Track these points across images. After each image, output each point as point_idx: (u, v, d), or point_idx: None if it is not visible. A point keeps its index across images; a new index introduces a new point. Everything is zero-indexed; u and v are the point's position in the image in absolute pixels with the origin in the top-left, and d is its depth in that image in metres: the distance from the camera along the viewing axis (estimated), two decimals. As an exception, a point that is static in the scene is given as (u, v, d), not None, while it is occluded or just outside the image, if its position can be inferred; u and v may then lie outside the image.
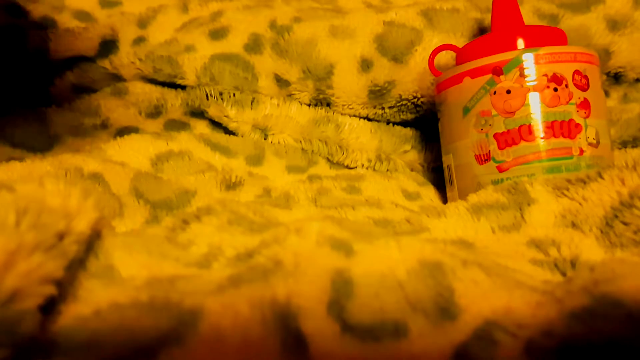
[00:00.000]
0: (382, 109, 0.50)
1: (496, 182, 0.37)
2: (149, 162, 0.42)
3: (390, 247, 0.22)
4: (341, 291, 0.20)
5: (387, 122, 0.52)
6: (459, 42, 0.47)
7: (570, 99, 0.36)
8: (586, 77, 0.37)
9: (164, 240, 0.26)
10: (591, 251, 0.26)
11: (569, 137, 0.36)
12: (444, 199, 0.45)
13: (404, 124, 0.52)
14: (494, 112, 0.37)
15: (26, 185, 0.20)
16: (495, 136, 0.37)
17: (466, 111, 0.39)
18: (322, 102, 0.51)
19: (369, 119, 0.51)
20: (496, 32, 0.41)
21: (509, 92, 0.37)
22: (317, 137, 0.50)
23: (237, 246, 0.25)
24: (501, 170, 0.37)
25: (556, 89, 0.36)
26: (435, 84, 0.43)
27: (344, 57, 0.49)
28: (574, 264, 0.25)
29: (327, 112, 0.51)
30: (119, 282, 0.21)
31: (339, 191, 0.43)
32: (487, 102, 0.37)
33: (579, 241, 0.27)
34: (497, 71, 0.37)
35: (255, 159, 0.48)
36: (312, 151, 0.50)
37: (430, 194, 0.47)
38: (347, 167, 0.50)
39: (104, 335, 0.18)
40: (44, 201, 0.20)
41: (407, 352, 0.19)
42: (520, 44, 0.38)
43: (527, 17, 0.48)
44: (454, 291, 0.20)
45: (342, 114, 0.51)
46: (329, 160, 0.50)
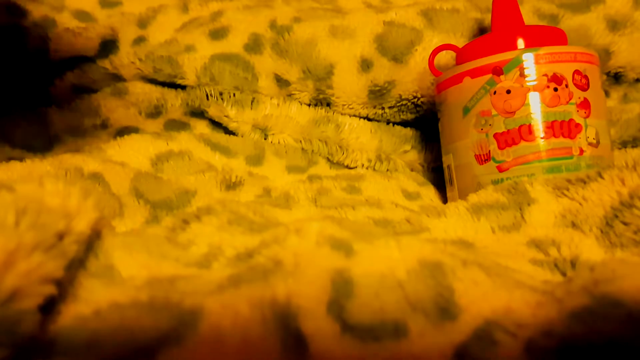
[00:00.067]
0: (382, 109, 0.50)
1: (496, 182, 0.37)
2: (149, 162, 0.42)
3: (390, 247, 0.22)
4: (341, 291, 0.20)
5: (387, 122, 0.51)
6: (459, 42, 0.47)
7: (570, 99, 0.36)
8: (586, 77, 0.37)
9: (164, 240, 0.26)
10: (591, 251, 0.26)
11: (569, 137, 0.36)
12: (444, 199, 0.45)
13: (404, 124, 0.52)
14: (494, 112, 0.37)
15: (26, 185, 0.20)
16: (495, 136, 0.37)
17: (466, 111, 0.39)
18: (322, 102, 0.51)
19: (369, 119, 0.51)
20: (496, 32, 0.41)
21: (509, 92, 0.37)
22: (317, 137, 0.50)
23: (237, 246, 0.25)
24: (501, 170, 0.37)
25: (556, 89, 0.36)
26: (435, 84, 0.43)
27: (344, 57, 0.49)
28: (574, 264, 0.25)
29: (327, 112, 0.51)
30: (119, 282, 0.21)
31: (339, 191, 0.43)
32: (487, 102, 0.37)
33: (579, 241, 0.27)
34: (497, 71, 0.37)
35: (255, 159, 0.48)
36: (312, 151, 0.50)
37: (430, 194, 0.47)
38: (347, 167, 0.50)
39: (104, 335, 0.18)
40: (43, 201, 0.20)
41: (407, 352, 0.19)
42: (520, 44, 0.38)
43: (527, 17, 0.48)
44: (454, 291, 0.20)
45: (342, 114, 0.51)
46: (329, 160, 0.50)
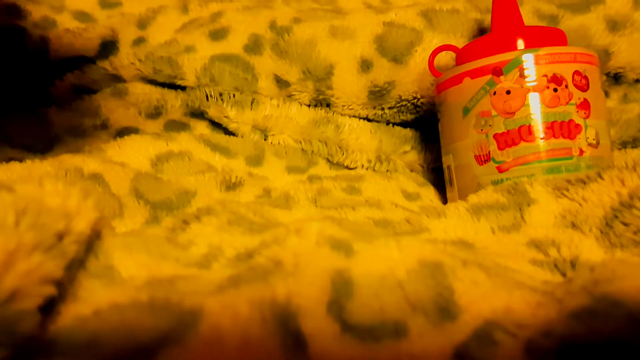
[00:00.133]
0: (382, 109, 0.50)
1: (496, 183, 0.37)
2: (149, 162, 0.42)
3: (390, 248, 0.22)
4: (341, 291, 0.20)
5: (387, 123, 0.52)
6: (459, 42, 0.47)
7: (570, 100, 0.36)
8: (586, 78, 0.37)
9: (164, 240, 0.26)
10: (591, 251, 0.26)
11: (569, 137, 0.36)
12: (444, 200, 0.45)
13: (403, 125, 0.52)
14: (494, 113, 0.37)
15: (25, 185, 0.20)
16: (495, 137, 0.37)
17: (466, 112, 0.39)
18: (322, 102, 0.51)
19: (368, 120, 0.51)
20: (496, 33, 0.41)
21: (508, 92, 0.37)
22: (317, 137, 0.50)
23: (237, 246, 0.25)
24: (501, 170, 0.37)
25: (556, 90, 0.36)
26: (435, 84, 0.43)
27: (344, 57, 0.49)
28: (574, 264, 0.25)
29: (327, 113, 0.51)
30: (119, 282, 0.21)
31: (339, 192, 0.43)
32: (487, 103, 0.37)
33: (579, 241, 0.27)
34: (497, 72, 0.37)
35: (255, 160, 0.48)
36: (312, 152, 0.50)
37: (430, 194, 0.47)
38: (347, 167, 0.50)
39: (104, 335, 0.18)
40: (43, 201, 0.19)
41: (407, 352, 0.19)
42: (520, 44, 0.38)
43: (527, 17, 0.48)
44: (454, 291, 0.20)
45: (342, 115, 0.51)
46: (328, 160, 0.50)
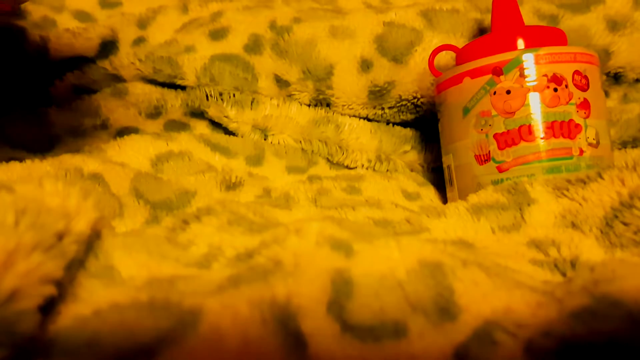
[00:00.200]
0: (382, 109, 0.50)
1: (496, 183, 0.37)
2: (149, 162, 0.42)
3: (390, 247, 0.22)
4: (341, 291, 0.20)
5: (387, 123, 0.51)
6: (459, 42, 0.47)
7: (570, 99, 0.36)
8: (586, 78, 0.37)
9: (164, 240, 0.26)
10: (591, 251, 0.26)
11: (569, 137, 0.36)
12: (444, 199, 0.45)
13: (403, 125, 0.52)
14: (494, 113, 0.37)
15: (25, 185, 0.20)
16: (495, 136, 0.37)
17: (466, 111, 0.39)
18: (322, 102, 0.51)
19: (368, 120, 0.51)
20: (496, 33, 0.41)
21: (509, 92, 0.37)
22: (317, 137, 0.50)
23: (237, 246, 0.25)
24: (501, 170, 0.37)
25: (556, 89, 0.36)
26: (435, 84, 0.43)
27: (344, 57, 0.49)
28: (574, 264, 0.25)
29: (327, 113, 0.51)
30: (118, 282, 0.21)
31: (339, 191, 0.43)
32: (487, 103, 0.37)
33: (579, 241, 0.27)
34: (497, 71, 0.37)
35: (255, 160, 0.48)
36: (312, 151, 0.50)
37: (430, 194, 0.46)
38: (347, 167, 0.50)
39: (104, 335, 0.18)
40: (43, 201, 0.19)
41: (407, 352, 0.19)
42: (520, 44, 0.38)
43: (527, 17, 0.48)
44: (454, 291, 0.20)
45: (342, 115, 0.51)
46: (328, 160, 0.50)
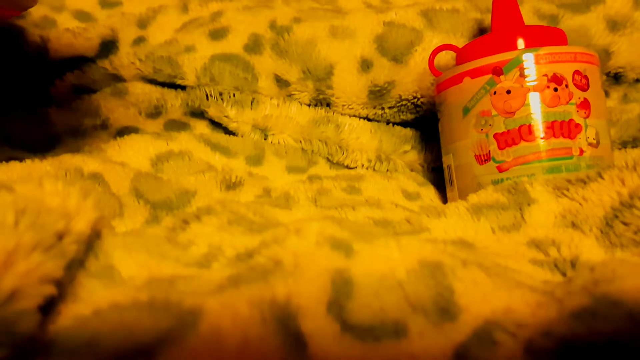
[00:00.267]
0: (382, 109, 0.50)
1: (496, 182, 0.37)
2: (149, 162, 0.42)
3: (390, 247, 0.22)
4: (341, 291, 0.20)
5: (387, 123, 0.51)
6: (459, 42, 0.47)
7: (570, 99, 0.36)
8: (586, 77, 0.37)
9: (164, 240, 0.26)
10: (591, 251, 0.26)
11: (569, 137, 0.36)
12: (444, 199, 0.45)
13: (403, 124, 0.52)
14: (494, 112, 0.37)
15: (25, 185, 0.20)
16: (495, 136, 0.37)
17: (466, 111, 0.39)
18: (322, 102, 0.51)
19: (368, 119, 0.51)
20: (496, 32, 0.41)
21: (509, 92, 0.37)
22: (317, 137, 0.50)
23: (237, 246, 0.25)
24: (501, 170, 0.37)
25: (556, 89, 0.36)
26: (435, 84, 0.43)
27: (344, 57, 0.49)
28: (574, 264, 0.25)
29: (327, 113, 0.51)
30: (118, 282, 0.21)
31: (339, 191, 0.43)
32: (487, 102, 0.37)
33: (579, 241, 0.27)
34: (497, 71, 0.37)
35: (255, 159, 0.48)
36: (312, 151, 0.50)
37: (430, 194, 0.46)
38: (347, 167, 0.50)
39: (104, 335, 0.18)
40: (42, 201, 0.19)
41: (406, 352, 0.19)
42: (520, 44, 0.38)
43: (527, 17, 0.48)
44: (454, 291, 0.20)
45: (342, 114, 0.51)
46: (329, 160, 0.50)
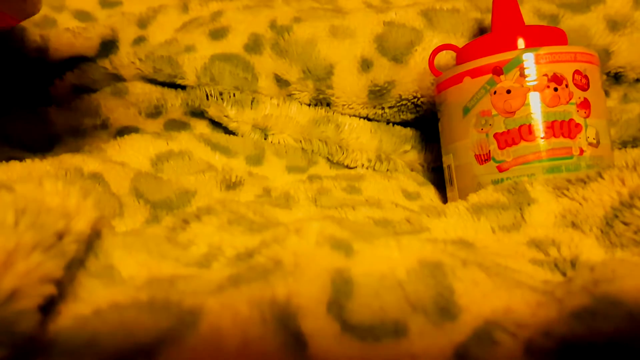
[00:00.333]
0: (382, 109, 0.50)
1: (496, 182, 0.37)
2: (149, 162, 0.42)
3: (390, 247, 0.22)
4: (341, 291, 0.20)
5: (387, 122, 0.51)
6: (459, 42, 0.47)
7: (570, 99, 0.36)
8: (586, 77, 0.37)
9: (164, 240, 0.26)
10: (591, 251, 0.26)
11: (569, 137, 0.36)
12: (444, 199, 0.45)
13: (404, 124, 0.52)
14: (494, 112, 0.37)
15: (25, 185, 0.20)
16: (495, 136, 0.37)
17: (466, 111, 0.39)
18: (322, 102, 0.51)
19: (369, 119, 0.51)
20: (496, 32, 0.41)
21: (509, 92, 0.37)
22: (317, 137, 0.50)
23: (237, 246, 0.25)
24: (501, 170, 0.37)
25: (556, 89, 0.36)
26: (435, 84, 0.43)
27: (344, 57, 0.49)
28: (574, 264, 0.25)
29: (327, 112, 0.51)
30: (118, 281, 0.21)
31: (339, 191, 0.43)
32: (487, 102, 0.37)
33: (579, 241, 0.27)
34: (498, 71, 0.37)
35: (255, 159, 0.48)
36: (312, 151, 0.50)
37: (430, 194, 0.46)
38: (347, 167, 0.50)
39: (104, 335, 0.18)
40: (42, 201, 0.19)
41: (407, 351, 0.19)
42: (520, 43, 0.38)
43: (527, 17, 0.48)
44: (454, 291, 0.20)
45: (342, 114, 0.51)
46: (329, 160, 0.50)
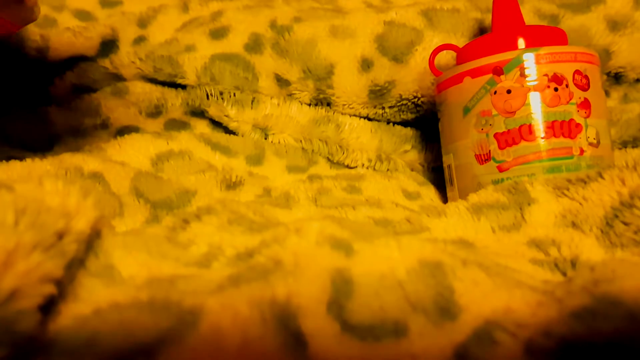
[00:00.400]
0: (383, 108, 0.50)
1: (496, 182, 0.37)
2: (149, 161, 0.42)
3: (390, 247, 0.22)
4: (341, 290, 0.20)
5: (388, 122, 0.51)
6: (460, 42, 0.47)
7: (570, 99, 0.36)
8: (586, 77, 0.37)
9: (164, 239, 0.26)
10: (591, 251, 0.26)
11: (570, 137, 0.36)
12: (444, 199, 0.45)
13: (404, 124, 0.52)
14: (495, 112, 0.37)
15: (25, 184, 0.20)
16: (495, 136, 0.37)
17: (466, 111, 0.39)
18: (322, 102, 0.51)
19: (369, 119, 0.51)
20: (497, 32, 0.41)
21: (509, 91, 0.37)
22: (318, 136, 0.50)
23: (237, 246, 0.25)
24: (501, 170, 0.37)
25: (557, 89, 0.36)
26: (435, 83, 0.43)
27: (345, 57, 0.49)
28: (574, 263, 0.25)
29: (328, 112, 0.51)
30: (119, 281, 0.21)
31: (339, 191, 0.43)
32: (487, 102, 0.37)
33: (579, 241, 0.27)
34: (498, 71, 0.37)
35: (255, 159, 0.48)
36: (313, 151, 0.50)
37: (430, 193, 0.46)
38: (348, 166, 0.50)
39: (104, 335, 0.18)
40: (42, 200, 0.19)
41: (407, 351, 0.19)
42: (520, 43, 0.38)
43: (528, 17, 0.48)
44: (454, 291, 0.20)
45: (342, 114, 0.51)
46: (329, 160, 0.50)
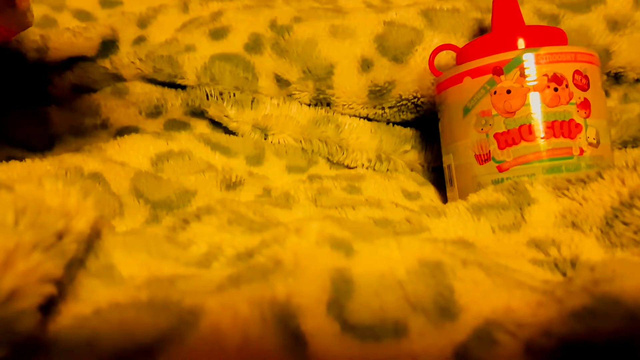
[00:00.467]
0: (382, 109, 0.50)
1: (496, 182, 0.37)
2: (149, 161, 0.42)
3: (390, 247, 0.22)
4: (341, 290, 0.20)
5: (387, 122, 0.51)
6: (459, 42, 0.47)
7: (570, 99, 0.36)
8: (586, 77, 0.37)
9: (164, 239, 0.26)
10: (591, 251, 0.26)
11: (569, 137, 0.36)
12: (444, 199, 0.45)
13: (404, 124, 0.52)
14: (494, 112, 0.37)
15: (25, 184, 0.20)
16: (495, 136, 0.37)
17: (466, 111, 0.39)
18: (322, 102, 0.51)
19: (369, 119, 0.51)
20: (496, 32, 0.41)
21: (509, 92, 0.37)
22: (317, 137, 0.50)
23: (237, 246, 0.25)
24: (501, 170, 0.37)
25: (556, 89, 0.36)
26: (435, 84, 0.43)
27: (344, 57, 0.49)
28: (574, 263, 0.25)
29: (327, 112, 0.51)
30: (119, 281, 0.21)
31: (339, 191, 0.43)
32: (487, 102, 0.37)
33: (579, 241, 0.27)
34: (498, 71, 0.37)
35: (255, 159, 0.48)
36: (312, 151, 0.50)
37: (430, 193, 0.46)
38: (347, 167, 0.50)
39: (104, 334, 0.18)
40: (42, 200, 0.19)
41: (406, 351, 0.19)
42: (520, 43, 0.38)
43: (528, 17, 0.48)
44: (454, 291, 0.20)
45: (342, 114, 0.51)
46: (329, 160, 0.50)
